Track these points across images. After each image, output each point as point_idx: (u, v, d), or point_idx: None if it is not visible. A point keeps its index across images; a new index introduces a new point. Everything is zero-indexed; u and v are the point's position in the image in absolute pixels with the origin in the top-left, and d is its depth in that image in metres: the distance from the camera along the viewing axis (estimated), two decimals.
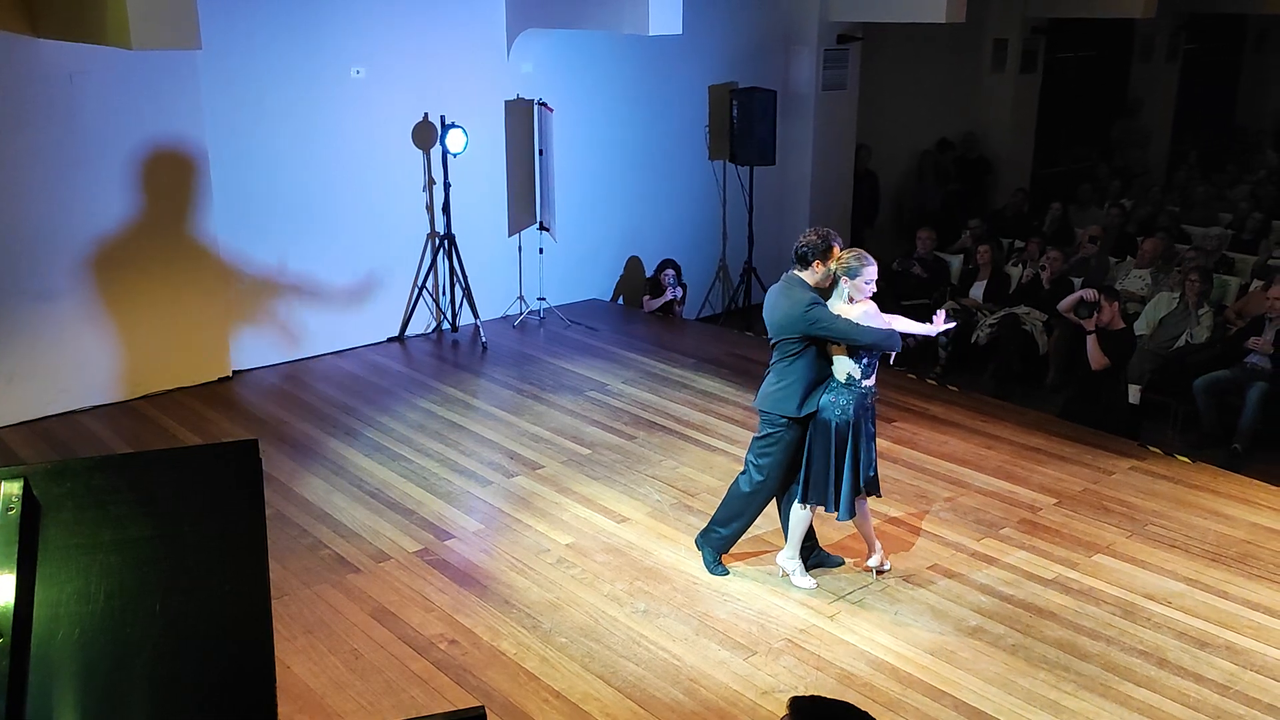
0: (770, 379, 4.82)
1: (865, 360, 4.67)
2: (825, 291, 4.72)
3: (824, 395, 4.71)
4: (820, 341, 4.69)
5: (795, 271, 4.77)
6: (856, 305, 4.66)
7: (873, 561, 5.11)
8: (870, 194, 11.89)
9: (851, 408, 4.69)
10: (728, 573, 5.12)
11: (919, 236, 10.14)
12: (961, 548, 5.44)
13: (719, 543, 5.12)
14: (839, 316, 4.61)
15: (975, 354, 9.09)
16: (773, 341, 4.80)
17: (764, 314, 4.84)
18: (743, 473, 5.00)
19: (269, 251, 7.89)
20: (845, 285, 4.66)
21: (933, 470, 6.35)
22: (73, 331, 7.07)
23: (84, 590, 1.98)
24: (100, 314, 7.16)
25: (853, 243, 11.53)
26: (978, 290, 9.51)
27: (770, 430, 4.84)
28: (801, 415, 4.74)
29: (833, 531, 5.49)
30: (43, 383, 7.01)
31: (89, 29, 5.99)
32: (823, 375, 4.73)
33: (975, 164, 12.93)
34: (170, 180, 7.27)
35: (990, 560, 5.32)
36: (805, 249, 4.72)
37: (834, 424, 4.70)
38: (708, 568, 5.11)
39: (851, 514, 4.79)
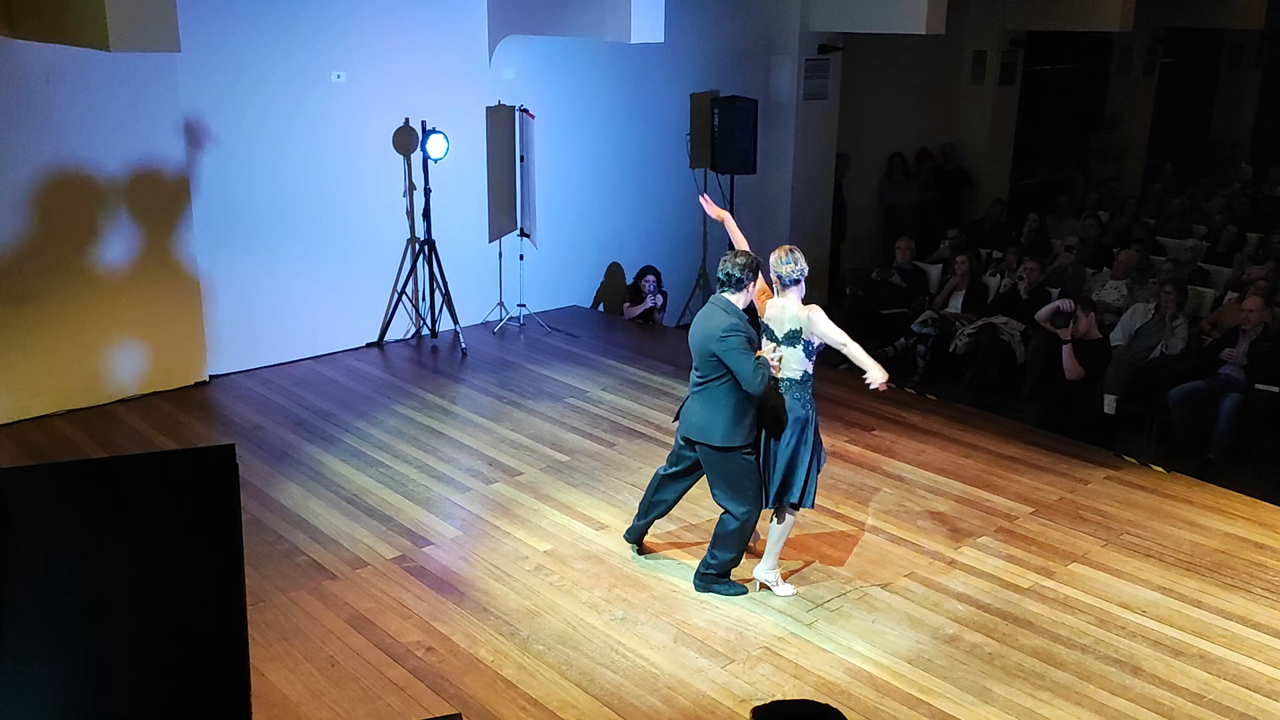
0: (700, 406, 4.75)
1: (812, 352, 4.81)
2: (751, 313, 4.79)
3: (787, 396, 4.77)
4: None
5: (722, 293, 4.76)
6: (799, 304, 4.77)
7: (765, 573, 5.05)
8: (837, 205, 11.92)
9: (809, 398, 4.82)
10: (745, 590, 5.03)
11: (898, 246, 10.20)
12: (939, 556, 5.47)
13: (725, 567, 5.05)
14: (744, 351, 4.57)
15: (953, 363, 9.14)
16: (701, 361, 4.74)
17: (693, 332, 4.77)
18: (722, 514, 4.96)
19: (247, 255, 7.85)
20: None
21: (911, 479, 6.38)
22: (47, 335, 7.01)
23: (56, 595, 1.96)
24: (75, 317, 7.09)
25: (831, 255, 11.64)
26: (956, 300, 9.56)
27: (716, 456, 4.79)
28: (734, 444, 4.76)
29: (801, 533, 5.48)
30: (17, 386, 6.94)
31: (66, 30, 5.95)
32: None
33: (954, 174, 13.02)
34: (147, 184, 7.22)
35: (967, 569, 5.35)
36: (724, 273, 4.73)
37: (809, 419, 4.79)
38: (734, 595, 5.00)
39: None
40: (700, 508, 5.67)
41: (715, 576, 5.03)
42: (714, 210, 5.28)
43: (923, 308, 9.66)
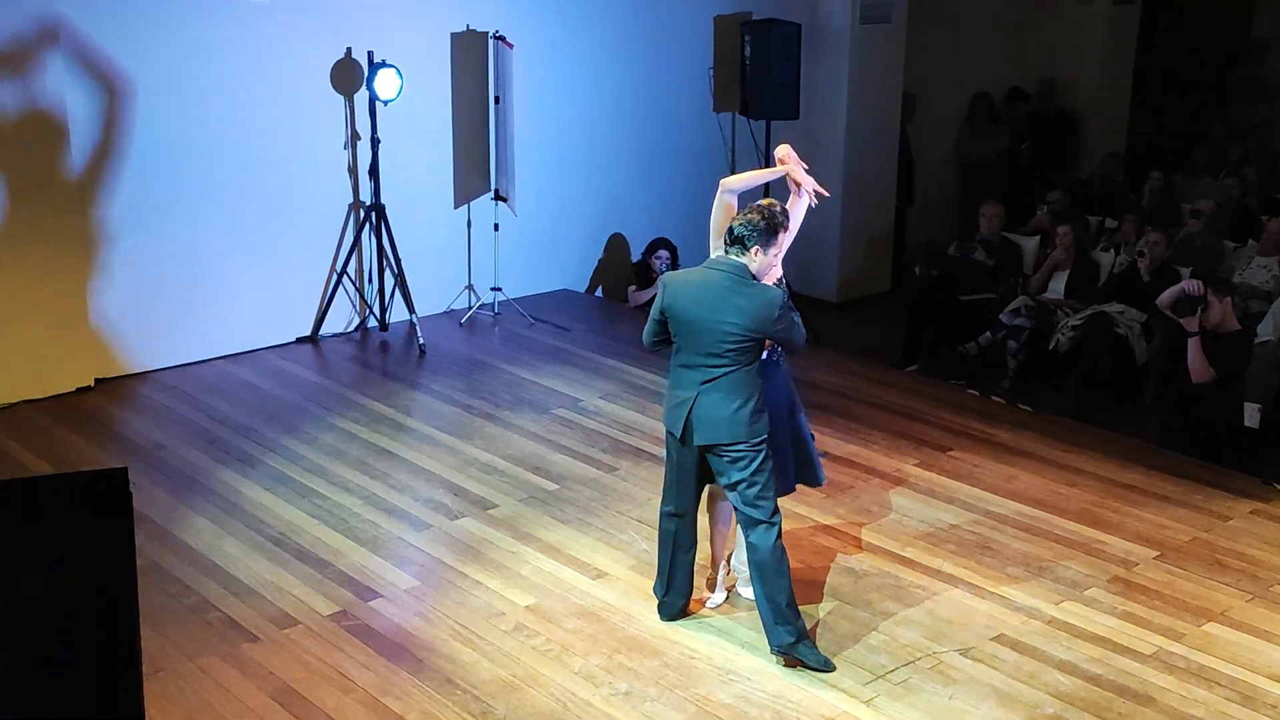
0: (726, 400, 4.89)
1: None
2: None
3: (776, 375, 5.13)
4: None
5: (732, 255, 4.90)
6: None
7: (716, 595, 5.45)
8: (902, 159, 11.88)
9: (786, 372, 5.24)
10: (832, 666, 5.02)
11: (982, 213, 10.17)
12: (1036, 613, 5.46)
13: (802, 627, 5.08)
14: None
15: (1054, 364, 9.12)
16: (729, 348, 4.86)
17: (702, 312, 4.87)
18: (755, 528, 4.97)
19: (143, 225, 7.86)
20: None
21: (999, 513, 6.37)
22: None
23: None
24: None
25: (896, 224, 11.62)
26: (1058, 282, 9.54)
27: (749, 452, 4.93)
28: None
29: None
30: None
31: None
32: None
33: (1054, 120, 12.98)
34: (21, 141, 7.22)
35: (1072, 629, 5.34)
36: (747, 227, 4.88)
37: (795, 395, 5.22)
38: (820, 667, 5.02)
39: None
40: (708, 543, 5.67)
41: (795, 641, 5.02)
42: (795, 172, 5.37)
43: (1014, 292, 9.64)
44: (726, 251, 4.93)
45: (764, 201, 5.01)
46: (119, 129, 7.69)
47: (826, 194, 5.43)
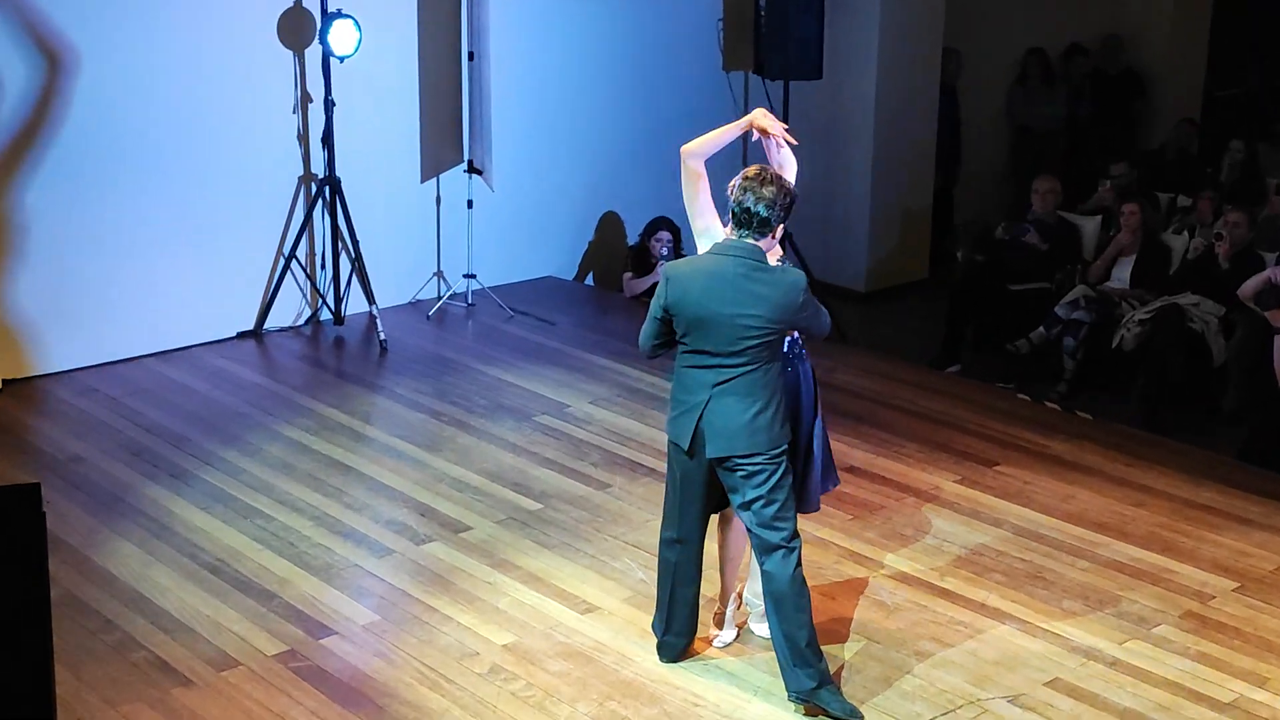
0: (743, 404, 4.91)
1: None
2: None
3: (801, 368, 5.20)
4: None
5: (748, 239, 4.91)
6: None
7: (725, 632, 5.46)
8: (953, 123, 11.86)
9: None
10: (859, 714, 5.04)
11: (1036, 188, 10.16)
12: (1096, 654, 5.46)
13: (825, 670, 5.08)
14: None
15: (1117, 364, 9.11)
16: (750, 344, 4.88)
17: (717, 306, 4.86)
18: (771, 554, 4.97)
19: (59, 203, 7.84)
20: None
21: (1054, 538, 6.36)
22: None
23: None
24: None
25: (936, 201, 11.61)
26: (1123, 269, 9.54)
27: (768, 465, 4.94)
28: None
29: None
30: None
31: None
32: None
33: (1119, 81, 12.97)
34: None
35: (1139, 672, 5.33)
36: (762, 211, 4.87)
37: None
38: (845, 716, 5.02)
39: None
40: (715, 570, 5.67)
41: (817, 686, 5.01)
42: (771, 126, 5.41)
43: (1072, 281, 9.63)
44: (738, 233, 4.92)
45: (752, 170, 4.96)
46: (29, 93, 7.67)
47: (794, 141, 5.41)
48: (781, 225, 4.95)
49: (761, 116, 5.42)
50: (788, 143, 5.39)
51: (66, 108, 7.79)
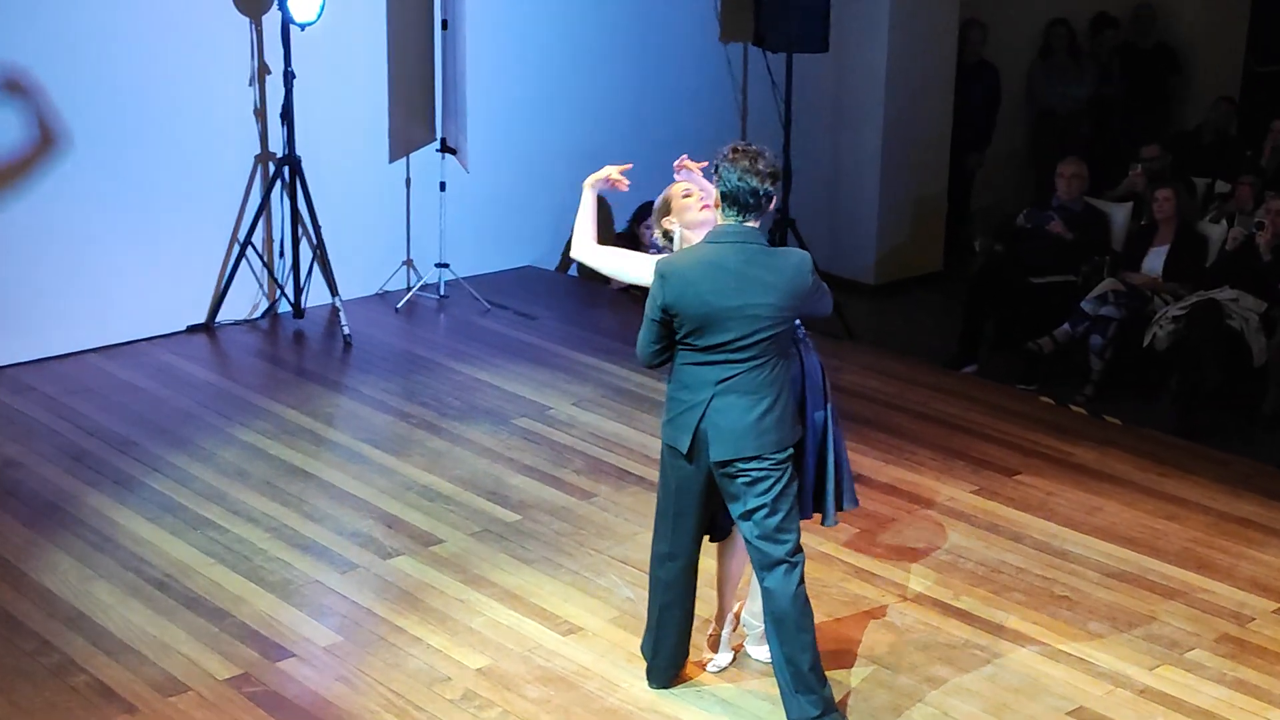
0: (748, 402, 4.92)
1: None
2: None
3: (809, 358, 5.23)
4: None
5: (746, 223, 4.95)
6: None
7: (720, 655, 5.47)
8: (986, 100, 11.88)
9: None
10: None
11: (1060, 172, 10.17)
12: (1124, 681, 5.46)
13: (830, 697, 5.08)
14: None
15: (1149, 365, 9.13)
16: (760, 338, 4.91)
17: (722, 300, 4.88)
18: (773, 569, 4.97)
19: None
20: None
21: (1078, 554, 6.37)
22: None
23: None
24: None
25: (953, 183, 11.62)
26: (1155, 260, 9.55)
27: (773, 471, 4.96)
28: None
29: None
30: None
31: None
32: None
33: (1152, 56, 12.98)
34: None
35: (1172, 701, 5.33)
36: (765, 188, 4.90)
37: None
38: None
39: None
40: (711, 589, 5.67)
41: (821, 714, 5.00)
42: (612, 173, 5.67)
43: (1100, 274, 9.65)
44: (732, 217, 4.92)
45: (734, 148, 4.94)
46: None
47: (696, 168, 5.48)
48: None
49: (610, 170, 5.62)
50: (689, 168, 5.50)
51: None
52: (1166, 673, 5.51)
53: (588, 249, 5.46)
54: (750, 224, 4.92)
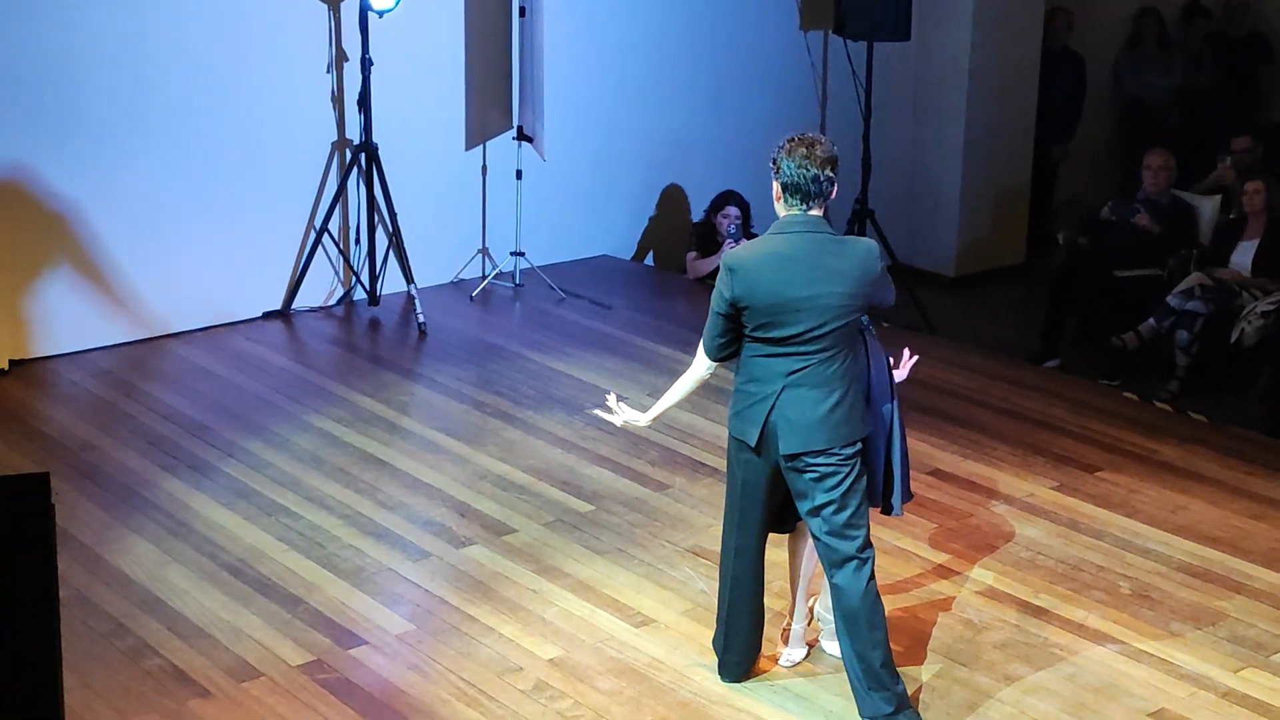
0: (818, 395, 4.92)
1: None
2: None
3: (874, 347, 5.23)
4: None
5: (811, 212, 4.96)
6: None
7: (794, 650, 5.48)
8: (1072, 90, 11.78)
9: None
10: None
11: (1147, 164, 10.08)
12: (1207, 683, 5.41)
13: (903, 694, 5.09)
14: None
15: (1237, 361, 9.03)
16: (831, 329, 4.91)
17: (793, 292, 4.87)
18: (842, 566, 4.97)
19: (66, 175, 7.92)
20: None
21: (1161, 553, 6.32)
22: None
23: None
24: None
25: (1037, 174, 11.53)
26: (1244, 255, 9.45)
27: (842, 466, 4.96)
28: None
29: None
30: None
31: None
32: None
33: (1244, 46, 12.83)
34: None
35: (1257, 705, 5.28)
36: (825, 174, 4.90)
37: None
38: None
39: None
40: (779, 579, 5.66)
41: (894, 711, 5.00)
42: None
43: (1186, 268, 9.55)
44: (796, 207, 4.91)
45: (793, 140, 4.93)
46: (42, 52, 7.73)
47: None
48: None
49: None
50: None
51: (72, 68, 7.82)
52: (1251, 675, 5.45)
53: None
54: (815, 212, 4.92)
